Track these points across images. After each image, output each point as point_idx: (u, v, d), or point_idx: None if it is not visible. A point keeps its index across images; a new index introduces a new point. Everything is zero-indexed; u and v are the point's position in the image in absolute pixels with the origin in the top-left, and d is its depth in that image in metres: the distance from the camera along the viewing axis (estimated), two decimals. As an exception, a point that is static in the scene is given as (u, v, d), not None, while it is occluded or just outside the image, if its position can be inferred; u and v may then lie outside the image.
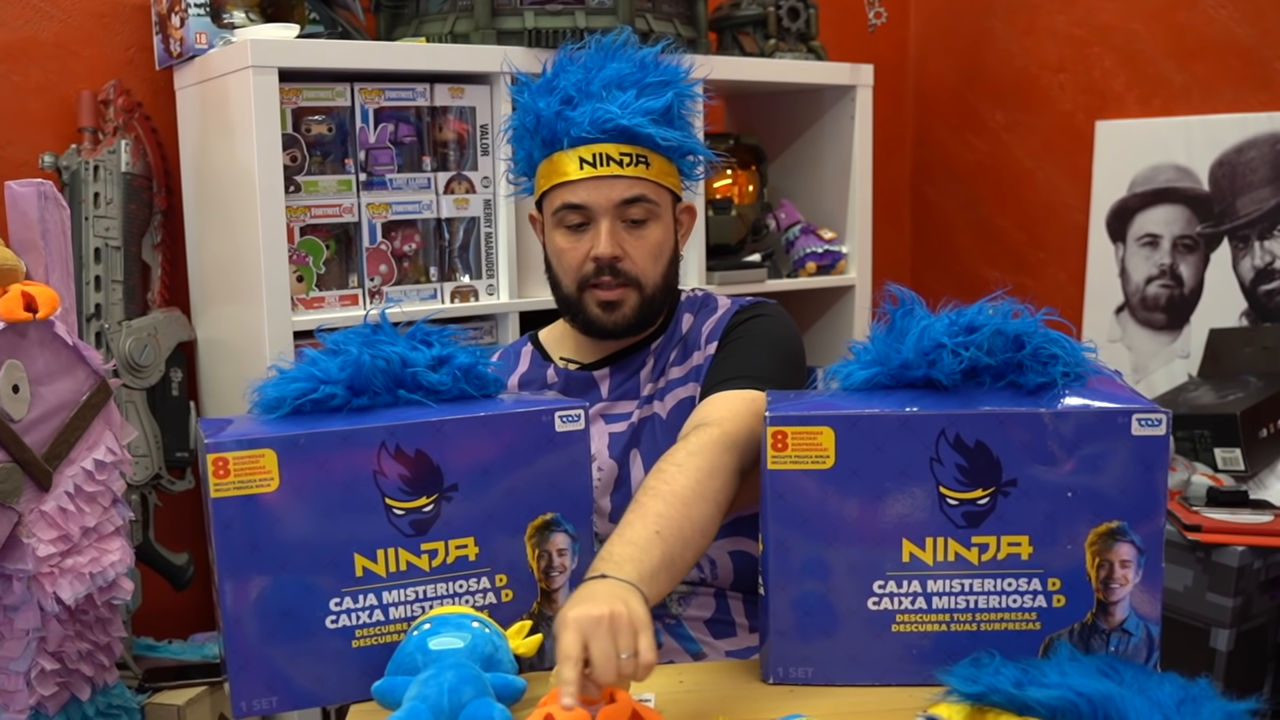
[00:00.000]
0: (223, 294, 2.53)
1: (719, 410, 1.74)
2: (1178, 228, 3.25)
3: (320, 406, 1.58)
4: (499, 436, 1.58)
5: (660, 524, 1.53)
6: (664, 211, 1.91)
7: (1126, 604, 1.50)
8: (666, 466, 1.63)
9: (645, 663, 1.34)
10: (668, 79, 1.90)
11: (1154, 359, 3.32)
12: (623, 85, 1.87)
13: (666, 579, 1.51)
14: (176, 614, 2.73)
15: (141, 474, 2.54)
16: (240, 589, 1.50)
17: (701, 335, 1.96)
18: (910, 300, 1.61)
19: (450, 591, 1.57)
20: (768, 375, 1.81)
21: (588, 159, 1.85)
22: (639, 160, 1.86)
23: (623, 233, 1.88)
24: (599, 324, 1.91)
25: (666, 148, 1.88)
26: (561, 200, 1.88)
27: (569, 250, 1.90)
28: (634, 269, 1.89)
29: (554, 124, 1.86)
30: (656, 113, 1.86)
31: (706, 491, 1.60)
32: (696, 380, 1.93)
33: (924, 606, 1.51)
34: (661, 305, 1.95)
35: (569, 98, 1.86)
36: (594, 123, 1.84)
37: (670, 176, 1.91)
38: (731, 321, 1.95)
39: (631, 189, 1.86)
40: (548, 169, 1.89)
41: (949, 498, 1.49)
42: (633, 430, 1.92)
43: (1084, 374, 1.54)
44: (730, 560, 1.90)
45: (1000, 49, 3.70)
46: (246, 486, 1.49)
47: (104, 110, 2.55)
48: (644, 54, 1.90)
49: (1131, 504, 1.47)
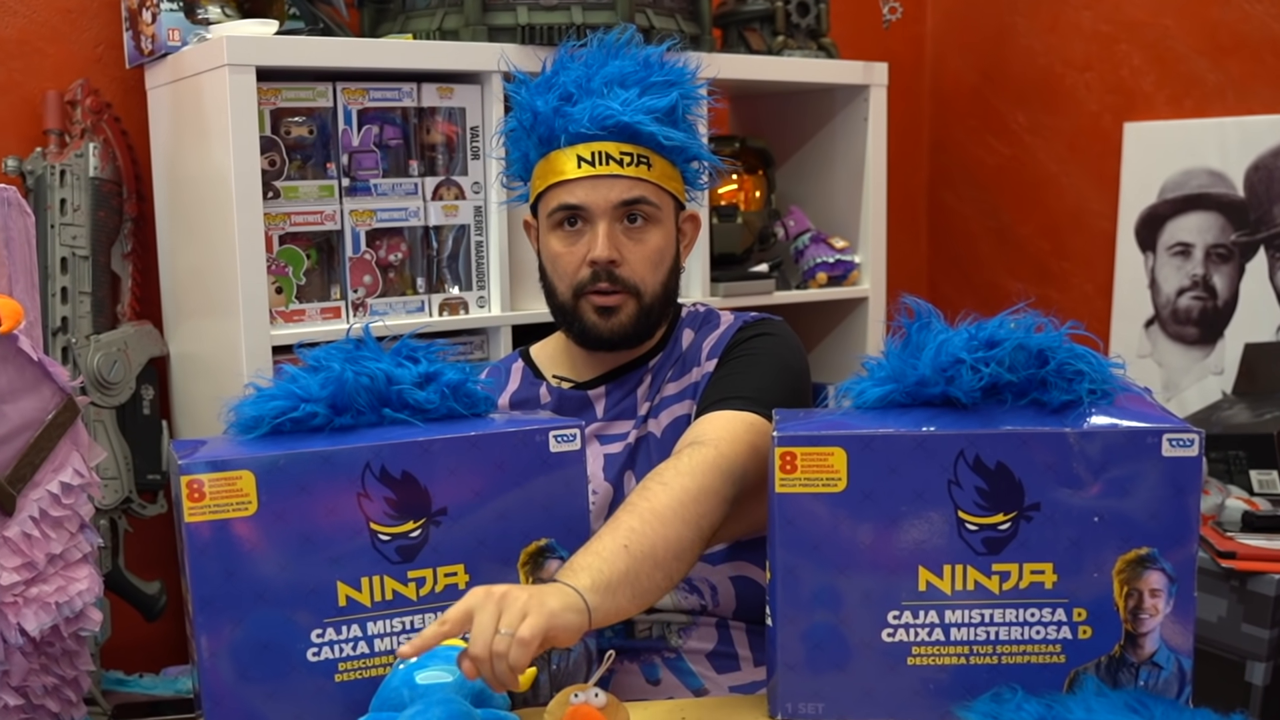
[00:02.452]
0: (197, 306, 2.54)
1: (715, 430, 1.75)
2: (1211, 236, 3.25)
3: (300, 426, 1.58)
4: (490, 457, 1.58)
5: (630, 539, 1.55)
6: (665, 216, 1.92)
7: (1157, 635, 1.50)
8: (651, 484, 1.65)
9: (520, 637, 1.36)
10: (673, 79, 1.91)
11: (1186, 375, 3.32)
12: (625, 83, 1.88)
13: (628, 596, 1.52)
14: (147, 646, 2.73)
15: (110, 498, 2.54)
16: (215, 620, 1.50)
17: (702, 351, 1.96)
18: (927, 313, 1.61)
19: (438, 622, 1.58)
20: (769, 398, 1.81)
21: (586, 157, 1.85)
22: (640, 160, 1.87)
23: (621, 236, 1.88)
24: (595, 332, 1.91)
25: (670, 149, 1.89)
26: (558, 201, 1.88)
27: (564, 254, 1.90)
28: (632, 275, 1.89)
29: (552, 120, 1.87)
30: (660, 112, 1.87)
31: (689, 514, 1.61)
32: (693, 398, 1.93)
33: (941, 638, 1.52)
34: (660, 317, 1.95)
35: (568, 94, 1.87)
36: (594, 119, 1.84)
37: (673, 180, 1.91)
38: (734, 339, 1.96)
39: (632, 190, 1.87)
40: (544, 168, 1.90)
41: (968, 523, 1.49)
42: (629, 451, 1.92)
43: (1111, 391, 1.54)
44: (732, 586, 1.90)
45: (1022, 46, 3.71)
46: (222, 511, 1.49)
47: (71, 111, 2.56)
48: (648, 52, 1.91)
49: (1162, 529, 1.48)
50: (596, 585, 1.48)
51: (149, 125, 2.65)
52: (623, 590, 1.51)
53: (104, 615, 2.36)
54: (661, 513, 1.59)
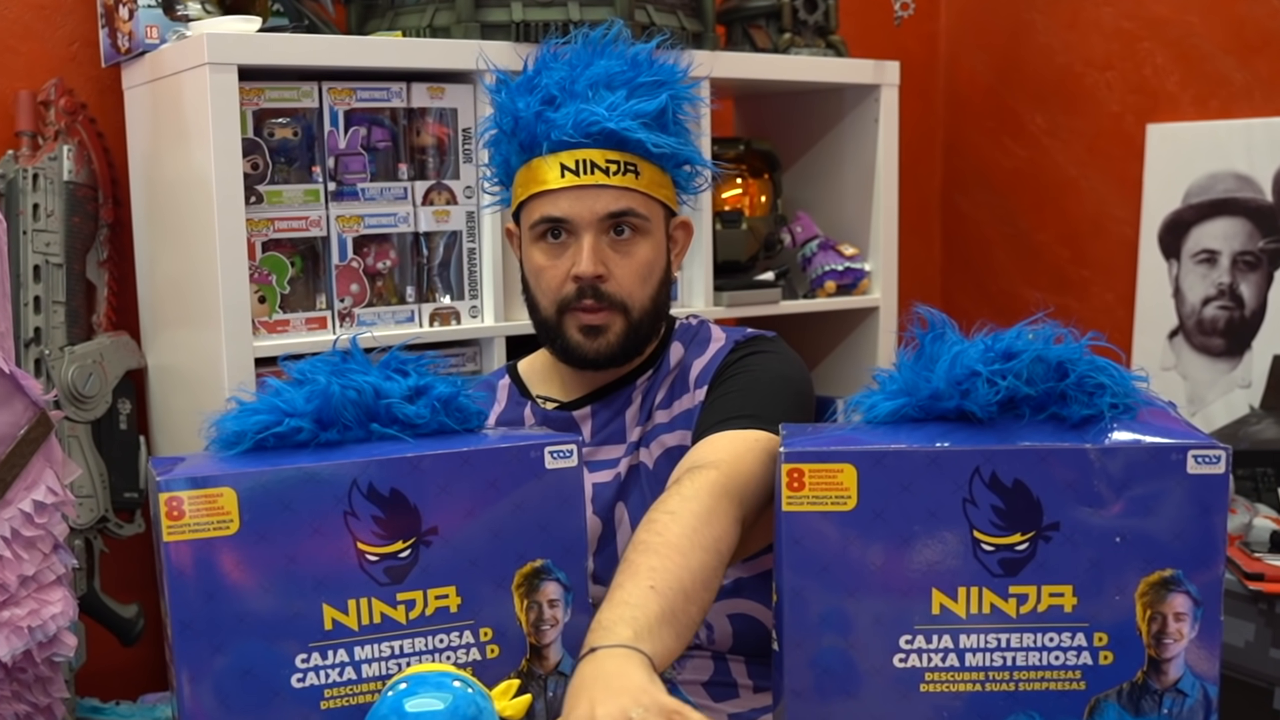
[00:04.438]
0: (176, 317, 2.54)
1: (716, 451, 1.72)
2: (1238, 243, 3.26)
3: (285, 441, 1.58)
4: (483, 475, 1.58)
5: (654, 578, 1.49)
6: (654, 227, 1.91)
7: (1181, 661, 1.50)
8: (658, 515, 1.59)
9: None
10: (662, 79, 1.89)
11: (1212, 388, 3.32)
12: (611, 85, 1.86)
13: (671, 635, 1.46)
14: (124, 672, 2.73)
15: (85, 517, 2.54)
16: (195, 645, 1.50)
17: (690, 376, 1.95)
18: (941, 323, 1.61)
19: (429, 647, 1.58)
20: (772, 413, 1.79)
21: (570, 166, 1.85)
22: (627, 169, 1.86)
23: (607, 250, 1.88)
24: (579, 351, 1.90)
25: (659, 155, 1.88)
26: (540, 212, 1.88)
27: (547, 269, 1.90)
28: (619, 291, 1.88)
29: (533, 126, 1.86)
30: (648, 116, 1.86)
31: (704, 539, 1.56)
32: (686, 427, 1.91)
33: (956, 664, 1.52)
34: (650, 333, 1.95)
35: (550, 97, 1.86)
36: (577, 125, 1.83)
37: (663, 188, 1.91)
38: (726, 360, 1.94)
39: (618, 201, 1.86)
40: (525, 176, 1.89)
41: (984, 543, 1.49)
42: (618, 482, 1.92)
43: (1134, 405, 1.54)
44: (729, 624, 1.90)
45: (1040, 44, 3.72)
46: (202, 530, 1.49)
47: (44, 112, 2.56)
48: (636, 50, 1.90)
49: (1187, 550, 1.48)
50: (639, 634, 1.41)
51: (126, 127, 2.66)
52: (665, 630, 1.45)
53: (79, 640, 2.36)
54: (677, 544, 1.53)
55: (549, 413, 1.98)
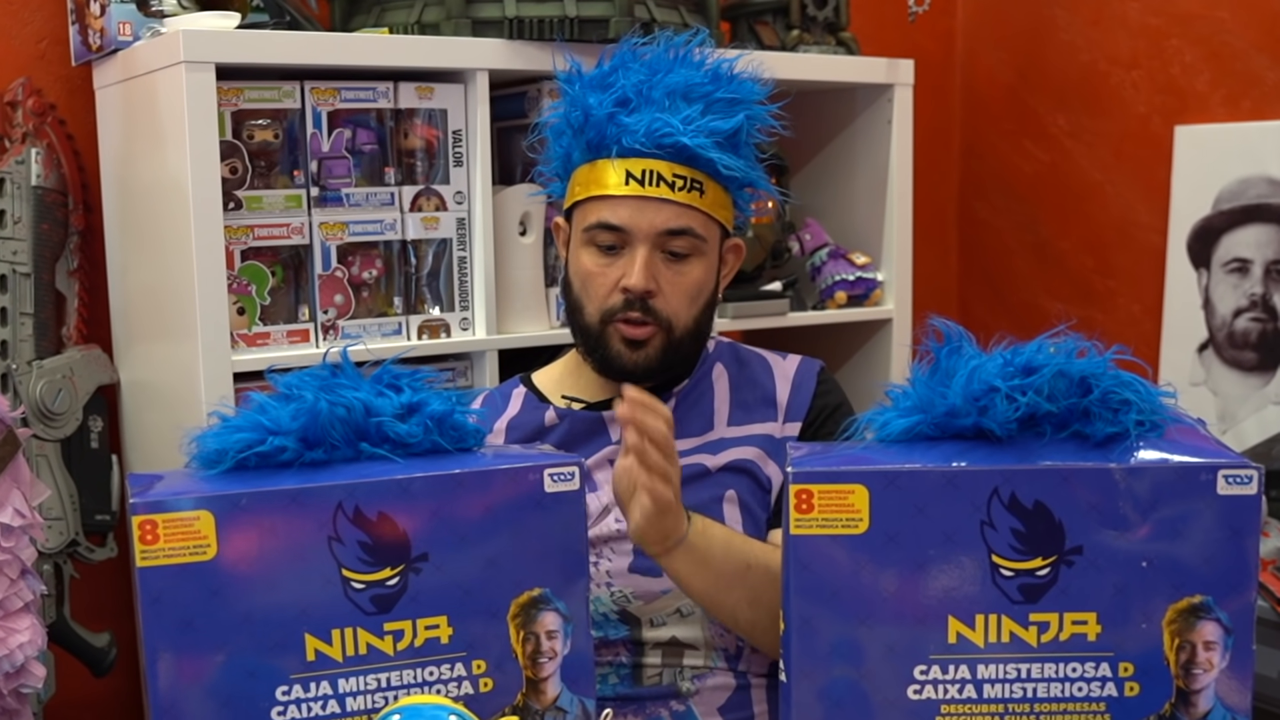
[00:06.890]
0: (150, 329, 2.55)
1: None
2: (1271, 251, 3.26)
3: (268, 461, 1.58)
4: (478, 497, 1.58)
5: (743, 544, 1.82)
6: (710, 248, 1.94)
7: (1211, 692, 1.51)
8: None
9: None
10: (740, 96, 1.92)
11: (1243, 405, 3.33)
12: (689, 96, 1.89)
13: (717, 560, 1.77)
14: (96, 704, 2.73)
15: (55, 540, 2.54)
16: (171, 675, 1.50)
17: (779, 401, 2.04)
18: (957, 336, 1.62)
19: (419, 680, 1.58)
20: None
21: (635, 174, 1.86)
22: (693, 186, 1.88)
23: (660, 265, 1.90)
24: (619, 362, 1.92)
25: (727, 177, 1.90)
26: (597, 217, 1.90)
27: (597, 275, 1.92)
28: (666, 308, 1.91)
29: (604, 126, 1.88)
30: (722, 135, 1.88)
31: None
32: (764, 449, 1.98)
33: (974, 695, 1.52)
34: (690, 352, 1.97)
35: (626, 100, 1.88)
36: (650, 134, 1.85)
37: (724, 209, 1.93)
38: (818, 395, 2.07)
39: (679, 218, 1.88)
40: (587, 176, 1.91)
41: (1003, 568, 1.50)
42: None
43: (1161, 423, 1.55)
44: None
45: (1063, 41, 3.72)
46: (179, 554, 1.49)
47: (11, 113, 2.57)
48: (718, 64, 1.92)
49: (1217, 575, 1.48)
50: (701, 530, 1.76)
51: (97, 129, 2.66)
52: (714, 554, 1.77)
53: (48, 670, 2.36)
54: (772, 567, 1.73)
55: (576, 413, 2.00)
